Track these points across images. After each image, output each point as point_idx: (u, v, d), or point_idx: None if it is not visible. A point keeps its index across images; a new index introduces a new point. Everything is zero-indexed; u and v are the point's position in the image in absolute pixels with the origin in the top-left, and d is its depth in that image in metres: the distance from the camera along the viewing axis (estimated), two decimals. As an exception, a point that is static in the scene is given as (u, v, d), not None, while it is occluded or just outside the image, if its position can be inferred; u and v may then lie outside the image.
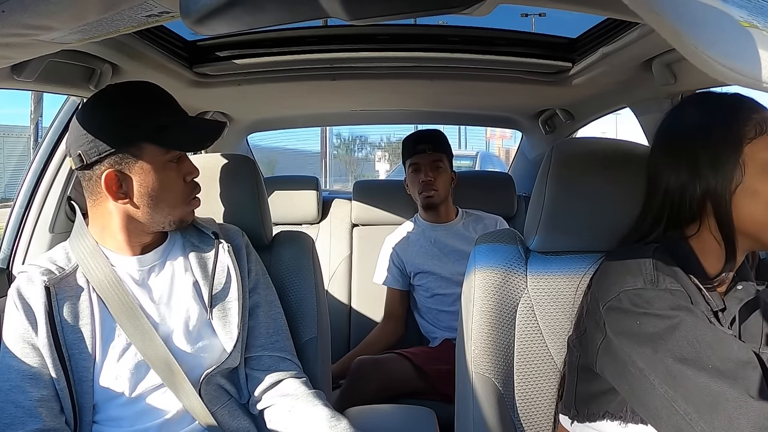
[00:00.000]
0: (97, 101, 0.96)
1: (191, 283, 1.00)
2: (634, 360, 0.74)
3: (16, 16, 0.60)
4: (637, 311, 0.75)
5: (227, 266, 1.03)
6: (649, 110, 1.64)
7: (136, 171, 0.93)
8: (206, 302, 0.99)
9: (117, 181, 0.92)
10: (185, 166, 0.99)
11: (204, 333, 0.99)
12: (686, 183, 0.80)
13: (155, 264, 1.00)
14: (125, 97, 0.95)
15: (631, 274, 0.78)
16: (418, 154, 1.91)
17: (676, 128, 0.84)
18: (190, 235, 1.05)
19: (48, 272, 0.93)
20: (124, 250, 0.98)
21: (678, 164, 0.81)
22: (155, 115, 0.94)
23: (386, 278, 1.97)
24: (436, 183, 1.89)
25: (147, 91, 0.97)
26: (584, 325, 0.85)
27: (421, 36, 1.43)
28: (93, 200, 0.96)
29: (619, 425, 0.81)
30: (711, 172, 0.78)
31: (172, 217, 0.98)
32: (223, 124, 1.02)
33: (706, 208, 0.80)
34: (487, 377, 0.99)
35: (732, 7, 0.39)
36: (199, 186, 1.03)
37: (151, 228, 0.98)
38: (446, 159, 1.92)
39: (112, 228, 0.96)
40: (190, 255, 1.03)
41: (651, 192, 0.86)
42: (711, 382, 0.68)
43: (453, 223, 1.96)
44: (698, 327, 0.72)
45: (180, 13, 0.56)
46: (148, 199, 0.94)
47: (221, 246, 1.03)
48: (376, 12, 0.52)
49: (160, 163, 0.94)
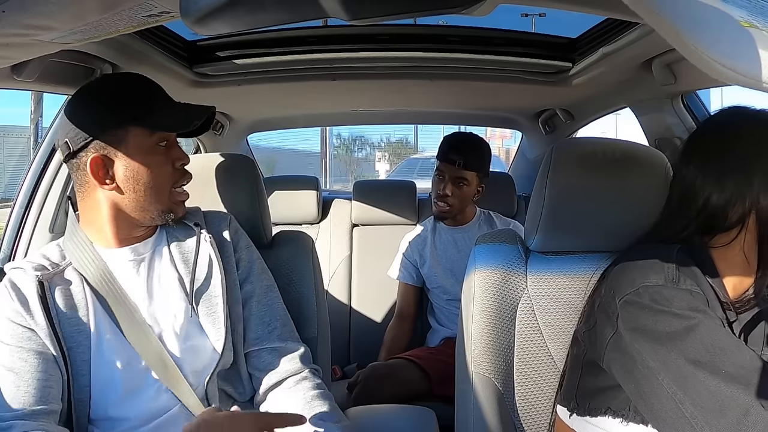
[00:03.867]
0: (82, 91, 0.95)
1: (176, 279, 0.98)
2: (645, 358, 0.74)
3: (16, 16, 0.60)
4: (655, 308, 0.75)
5: (209, 258, 1.00)
6: (649, 110, 1.64)
7: (121, 154, 0.91)
8: (189, 297, 0.97)
9: (103, 166, 0.91)
10: (174, 152, 0.98)
11: (192, 332, 0.97)
12: (731, 199, 0.79)
13: (144, 257, 0.98)
14: (110, 84, 0.96)
15: (653, 270, 0.78)
16: (447, 163, 1.83)
17: (725, 144, 0.82)
18: (172, 227, 1.02)
19: (41, 267, 0.93)
20: (112, 243, 0.96)
21: (725, 182, 0.79)
22: (140, 98, 0.94)
23: (403, 274, 1.98)
24: (453, 198, 1.84)
25: (132, 78, 0.98)
26: (594, 317, 0.85)
27: (421, 36, 1.43)
28: (82, 192, 0.95)
29: (620, 423, 0.81)
30: (763, 193, 0.77)
31: (160, 205, 0.96)
32: (211, 109, 1.00)
33: (747, 224, 0.79)
34: (487, 377, 0.99)
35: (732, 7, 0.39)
36: (189, 174, 1.01)
37: (139, 219, 0.96)
38: (475, 175, 1.83)
39: (101, 220, 0.95)
40: (173, 248, 1.00)
41: (684, 200, 0.84)
42: (723, 387, 0.68)
43: (469, 225, 1.95)
44: (715, 331, 0.72)
45: (180, 13, 0.56)
46: (134, 182, 0.93)
47: (203, 237, 1.01)
48: (376, 12, 0.52)
49: (146, 147, 0.93)
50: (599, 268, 0.96)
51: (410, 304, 1.97)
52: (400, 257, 2.00)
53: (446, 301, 1.90)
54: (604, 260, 0.97)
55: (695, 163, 0.83)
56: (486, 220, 1.97)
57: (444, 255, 1.91)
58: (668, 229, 0.85)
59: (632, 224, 0.92)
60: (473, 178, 1.84)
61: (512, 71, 1.57)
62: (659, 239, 0.85)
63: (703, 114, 1.58)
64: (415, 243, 1.98)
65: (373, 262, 2.19)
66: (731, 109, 0.85)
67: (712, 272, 0.81)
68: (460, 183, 1.83)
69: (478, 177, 1.86)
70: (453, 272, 1.88)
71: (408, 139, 17.56)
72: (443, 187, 1.84)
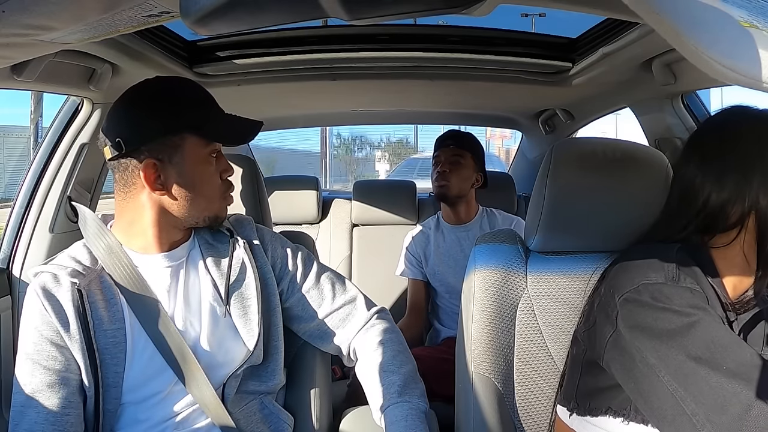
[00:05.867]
0: (140, 90, 0.93)
1: (210, 282, 0.98)
2: (645, 356, 0.74)
3: (16, 16, 0.60)
4: (656, 305, 0.75)
5: (243, 262, 1.00)
6: (649, 110, 1.64)
7: (176, 161, 0.90)
8: (223, 300, 0.97)
9: (156, 171, 0.89)
10: (222, 163, 0.98)
11: (227, 334, 0.97)
12: (730, 198, 0.79)
13: (181, 261, 0.97)
14: (169, 89, 0.94)
15: (652, 269, 0.78)
16: (442, 148, 1.94)
17: (725, 144, 0.82)
18: (203, 232, 1.01)
19: (75, 273, 0.90)
20: (152, 247, 0.94)
21: (724, 181, 0.79)
22: (199, 107, 0.93)
23: (409, 271, 1.98)
24: (451, 175, 1.89)
25: (191, 85, 0.97)
26: (594, 317, 0.85)
27: (421, 36, 1.43)
28: (125, 192, 0.93)
29: (621, 422, 0.81)
30: (762, 193, 0.77)
31: (208, 212, 0.96)
32: (260, 124, 1.01)
33: (746, 224, 0.79)
34: (487, 377, 0.99)
35: (732, 7, 0.39)
36: (233, 185, 1.01)
37: (184, 223, 0.95)
38: (470, 157, 1.92)
39: (143, 223, 0.93)
40: (206, 252, 1.00)
41: (683, 200, 0.84)
42: (724, 383, 0.68)
43: (472, 224, 1.96)
44: (715, 328, 0.72)
45: (180, 13, 0.56)
46: (186, 191, 0.92)
47: (236, 242, 1.01)
48: (376, 12, 0.52)
49: (201, 156, 0.93)
50: (599, 268, 0.96)
51: (421, 299, 1.97)
52: (405, 255, 2.00)
53: (449, 300, 1.90)
54: (604, 260, 0.97)
55: (695, 162, 0.83)
56: (488, 218, 1.98)
57: (447, 254, 1.92)
58: (668, 229, 0.85)
59: (632, 224, 0.92)
60: (468, 160, 1.91)
61: (512, 71, 1.57)
62: (659, 239, 0.85)
63: (703, 114, 1.58)
64: (419, 241, 1.99)
65: (373, 261, 2.20)
66: (732, 108, 0.85)
67: (712, 272, 0.81)
68: (456, 162, 1.90)
69: (473, 160, 1.92)
70: (456, 271, 1.88)
71: (408, 139, 17.60)
72: (440, 166, 1.91)
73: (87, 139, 1.39)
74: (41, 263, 0.95)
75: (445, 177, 1.89)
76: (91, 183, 1.48)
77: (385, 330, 1.06)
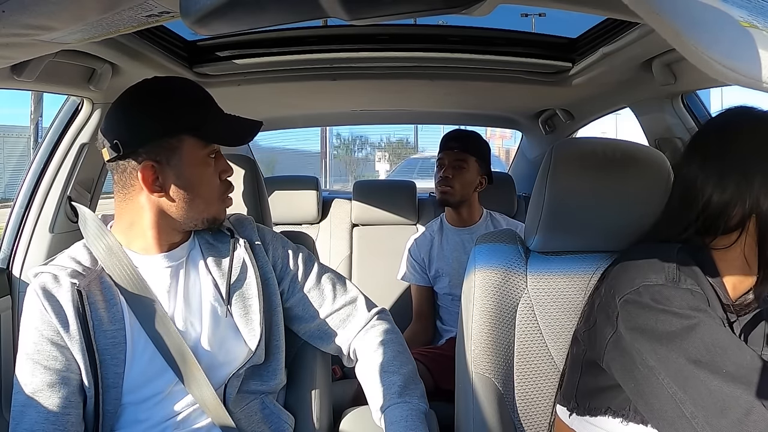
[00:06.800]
0: (137, 92, 0.92)
1: (210, 282, 0.98)
2: (645, 357, 0.74)
3: (16, 16, 0.60)
4: (656, 307, 0.75)
5: (244, 262, 1.00)
6: (649, 110, 1.64)
7: (174, 163, 0.90)
8: (224, 300, 0.97)
9: (154, 173, 0.89)
10: (221, 164, 0.97)
11: (228, 334, 0.97)
12: (731, 200, 0.78)
13: (181, 261, 0.97)
14: (167, 90, 0.93)
15: (653, 270, 0.78)
16: (446, 150, 1.92)
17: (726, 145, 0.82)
18: (204, 232, 1.01)
19: (75, 274, 0.90)
20: (152, 248, 0.94)
21: (725, 182, 0.79)
22: (197, 108, 0.93)
23: (412, 276, 1.97)
24: (454, 181, 1.88)
25: (189, 85, 0.97)
26: (594, 317, 0.85)
27: (421, 36, 1.43)
28: (124, 194, 0.92)
29: (620, 423, 0.81)
30: (763, 195, 0.77)
31: (206, 214, 0.96)
32: (260, 124, 1.00)
33: (747, 226, 0.79)
34: (487, 377, 0.99)
35: (732, 7, 0.39)
36: (232, 186, 1.01)
37: (183, 225, 0.95)
38: (474, 161, 1.90)
39: (143, 224, 0.93)
40: (207, 252, 1.00)
41: (684, 200, 0.84)
42: (724, 387, 0.68)
43: (476, 226, 1.95)
44: (715, 330, 0.72)
45: (180, 13, 0.56)
46: (184, 193, 0.92)
47: (237, 242, 1.01)
48: (376, 12, 0.52)
49: (199, 158, 0.92)
50: (599, 268, 0.96)
51: (427, 305, 1.96)
52: (407, 259, 1.99)
53: (452, 302, 1.90)
54: (604, 260, 0.97)
55: (697, 163, 0.83)
56: (493, 222, 1.97)
57: (451, 256, 1.91)
58: (669, 229, 0.85)
59: (632, 224, 0.92)
60: (472, 164, 1.89)
61: (512, 71, 1.57)
62: (660, 239, 0.85)
63: (703, 114, 1.58)
64: (422, 244, 1.98)
65: (373, 261, 2.19)
66: (734, 109, 0.85)
67: (712, 273, 0.80)
68: (459, 166, 1.88)
69: (477, 164, 1.90)
70: (460, 273, 1.87)
71: (408, 139, 17.60)
72: (443, 170, 1.89)
73: (87, 139, 1.39)
74: (41, 263, 0.95)
75: (448, 182, 1.88)
76: (91, 183, 1.48)
77: (385, 331, 1.06)
